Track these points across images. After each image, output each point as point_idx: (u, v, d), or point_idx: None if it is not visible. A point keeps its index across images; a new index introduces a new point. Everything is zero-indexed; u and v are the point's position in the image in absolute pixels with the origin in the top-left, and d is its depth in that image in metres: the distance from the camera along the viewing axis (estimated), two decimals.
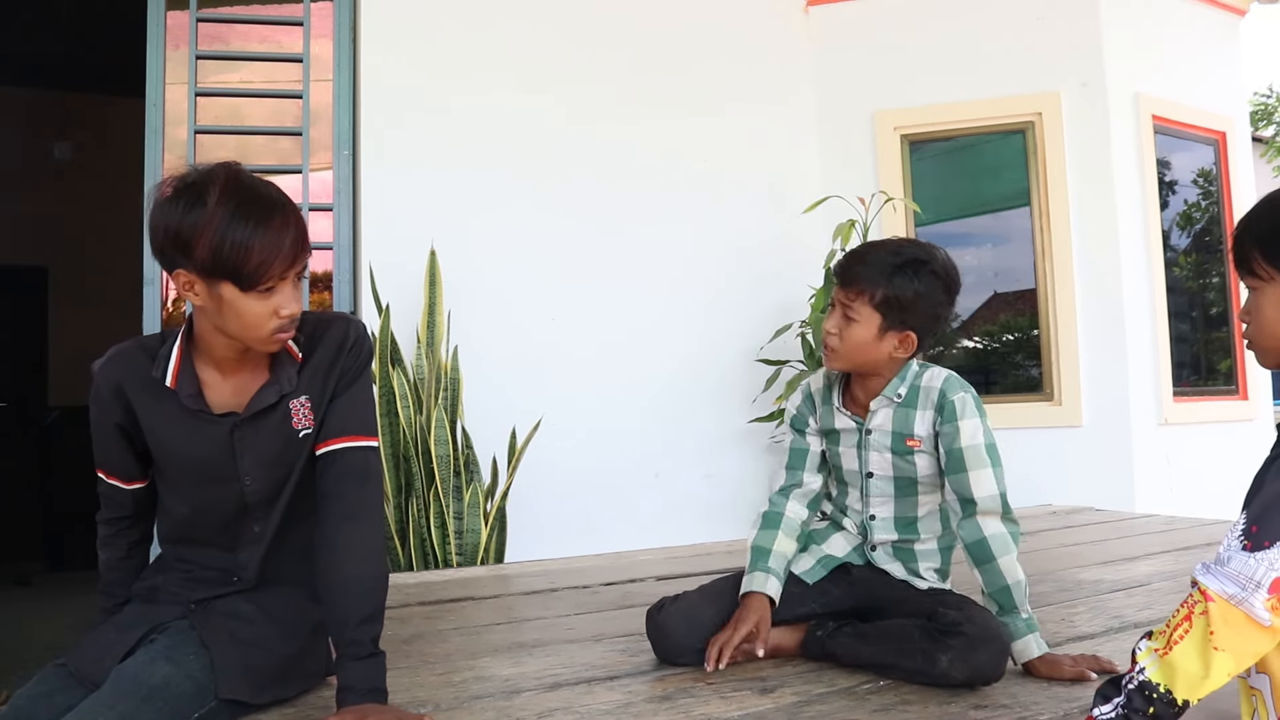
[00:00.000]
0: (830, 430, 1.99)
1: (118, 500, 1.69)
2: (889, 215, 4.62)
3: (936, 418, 1.86)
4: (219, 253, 1.42)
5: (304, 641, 1.68)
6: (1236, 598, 1.17)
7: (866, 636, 1.83)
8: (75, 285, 6.94)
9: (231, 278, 1.44)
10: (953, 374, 1.90)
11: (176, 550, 1.69)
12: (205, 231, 1.41)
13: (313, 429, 1.63)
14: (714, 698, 1.67)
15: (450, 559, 3.49)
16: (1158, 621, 2.11)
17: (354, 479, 1.61)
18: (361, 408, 1.66)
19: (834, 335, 1.88)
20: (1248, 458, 5.22)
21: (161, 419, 1.58)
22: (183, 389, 1.56)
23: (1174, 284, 5.08)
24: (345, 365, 1.64)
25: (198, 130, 3.93)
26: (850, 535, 2.01)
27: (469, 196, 4.17)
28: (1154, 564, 2.91)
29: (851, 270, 1.86)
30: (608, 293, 4.38)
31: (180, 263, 1.45)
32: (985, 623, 1.71)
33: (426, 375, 3.68)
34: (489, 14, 4.31)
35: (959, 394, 1.84)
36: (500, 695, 1.74)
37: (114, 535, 1.72)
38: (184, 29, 3.95)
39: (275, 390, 1.59)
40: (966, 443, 1.82)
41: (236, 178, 1.47)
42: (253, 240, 1.43)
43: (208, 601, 1.62)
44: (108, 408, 1.59)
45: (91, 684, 1.48)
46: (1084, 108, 4.74)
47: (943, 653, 1.67)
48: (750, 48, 4.86)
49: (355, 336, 1.66)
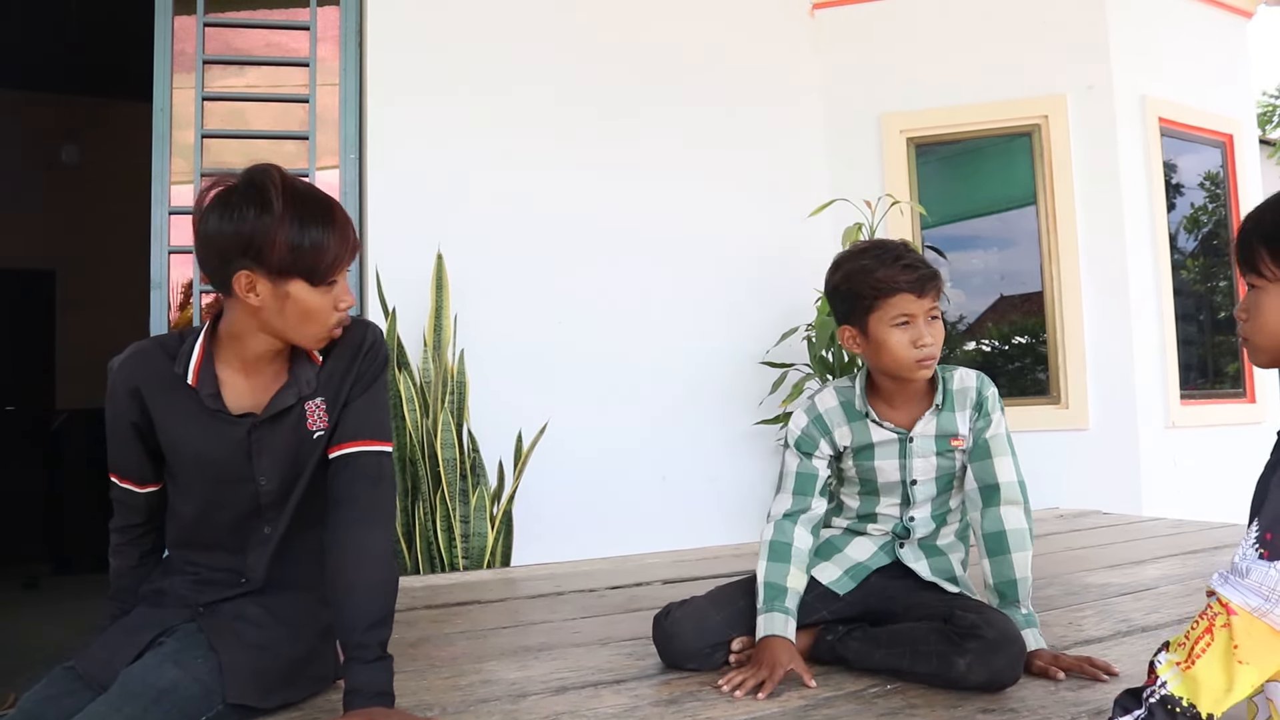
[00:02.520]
0: (863, 446, 1.93)
1: (131, 505, 1.68)
2: (895, 218, 4.62)
3: (974, 415, 1.92)
4: (297, 251, 1.47)
5: (312, 644, 1.68)
6: (1260, 609, 1.16)
7: (879, 640, 1.82)
8: (83, 289, 6.97)
9: (305, 275, 1.49)
10: (980, 373, 1.97)
11: (185, 554, 1.68)
12: (279, 232, 1.45)
13: (326, 430, 1.63)
14: (720, 702, 1.67)
15: (457, 562, 3.49)
16: (1166, 625, 2.11)
17: (367, 483, 1.61)
18: (377, 412, 1.66)
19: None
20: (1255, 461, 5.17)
21: (178, 418, 1.58)
22: (203, 388, 1.57)
23: (1181, 287, 5.07)
24: (361, 369, 1.65)
25: (205, 134, 3.94)
26: (875, 537, 1.99)
27: (475, 200, 4.18)
28: (1161, 567, 2.90)
29: None
30: (614, 296, 4.39)
31: (247, 265, 1.47)
32: (1003, 626, 1.70)
33: (433, 378, 3.69)
34: (495, 20, 4.32)
35: (990, 390, 1.93)
36: (507, 699, 1.74)
37: (126, 544, 1.71)
38: (191, 33, 3.96)
39: (294, 393, 1.60)
40: (993, 432, 1.91)
41: (288, 179, 1.51)
42: (327, 237, 1.49)
43: (215, 604, 1.62)
44: (123, 406, 1.59)
45: (100, 686, 1.49)
46: (1090, 110, 4.73)
47: (960, 656, 1.66)
48: (756, 51, 4.86)
49: (372, 340, 1.67)
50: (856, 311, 1.87)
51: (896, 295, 1.81)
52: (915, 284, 1.81)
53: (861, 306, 1.85)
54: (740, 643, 1.88)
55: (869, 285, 1.82)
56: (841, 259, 1.93)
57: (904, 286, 1.80)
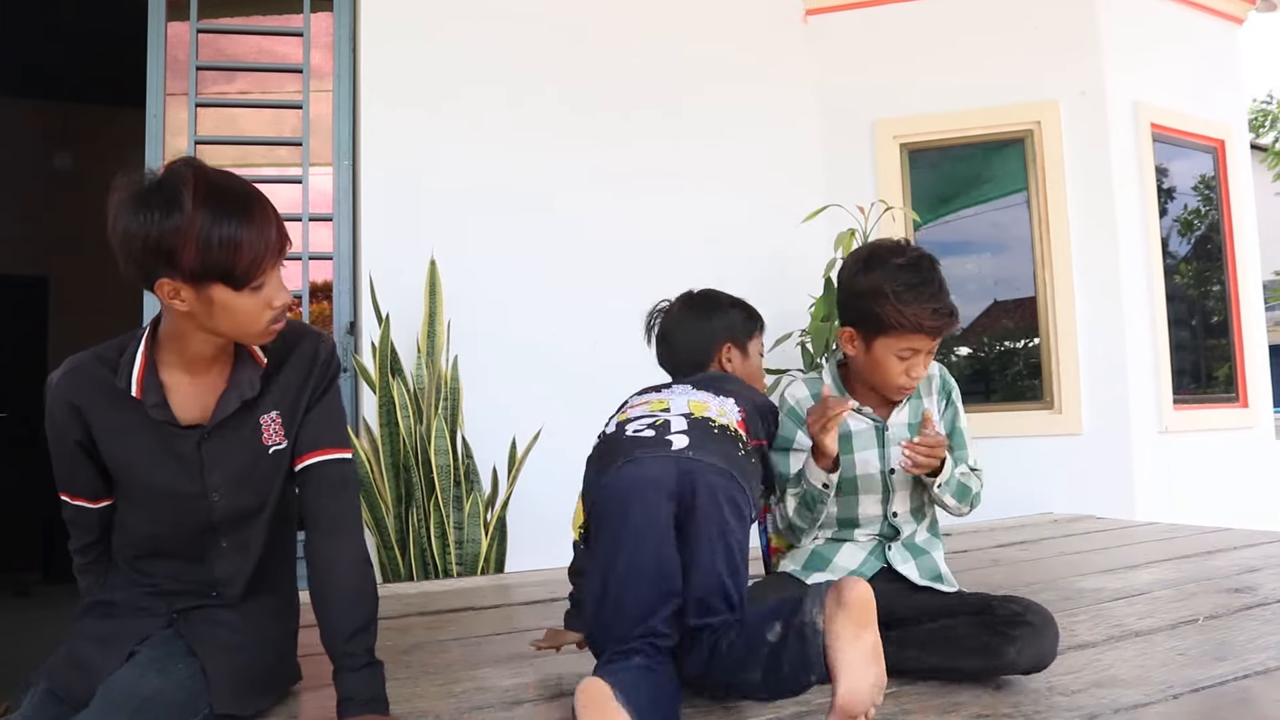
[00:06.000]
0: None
1: (84, 524, 1.62)
2: (888, 224, 4.62)
3: (943, 401, 2.01)
4: (207, 256, 1.36)
5: (281, 648, 1.71)
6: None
7: (904, 642, 1.78)
8: (76, 295, 6.94)
9: (223, 279, 1.39)
10: (940, 364, 2.07)
11: (138, 564, 1.62)
12: (189, 236, 1.35)
13: (285, 444, 1.60)
14: (716, 708, 1.67)
15: (450, 569, 3.48)
16: (1159, 630, 2.11)
17: (332, 491, 1.60)
18: (334, 421, 1.65)
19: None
20: (1248, 465, 5.23)
21: (122, 436, 1.51)
22: (148, 398, 1.49)
23: (1174, 291, 5.09)
24: (316, 381, 1.63)
25: (198, 140, 3.94)
26: (862, 543, 2.00)
27: (469, 207, 4.18)
28: (1155, 572, 2.90)
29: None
30: (608, 301, 4.37)
31: (164, 272, 1.38)
32: (1043, 612, 1.74)
33: (427, 385, 3.68)
34: (489, 28, 4.33)
35: (952, 381, 2.05)
36: (501, 706, 1.73)
37: (90, 563, 1.66)
38: (184, 40, 3.96)
39: (237, 395, 1.55)
40: (963, 424, 2.04)
41: (205, 174, 1.40)
42: (240, 238, 1.37)
43: (188, 611, 1.61)
44: (64, 427, 1.51)
45: (81, 703, 1.44)
46: (1083, 116, 4.75)
47: (1009, 644, 1.68)
48: (750, 57, 4.87)
49: (325, 354, 1.65)
50: (868, 325, 1.88)
51: (915, 334, 1.83)
52: (935, 330, 1.83)
53: (875, 325, 1.86)
54: None
55: (893, 316, 1.82)
56: (872, 261, 1.89)
57: (926, 330, 1.83)
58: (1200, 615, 2.24)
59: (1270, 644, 1.96)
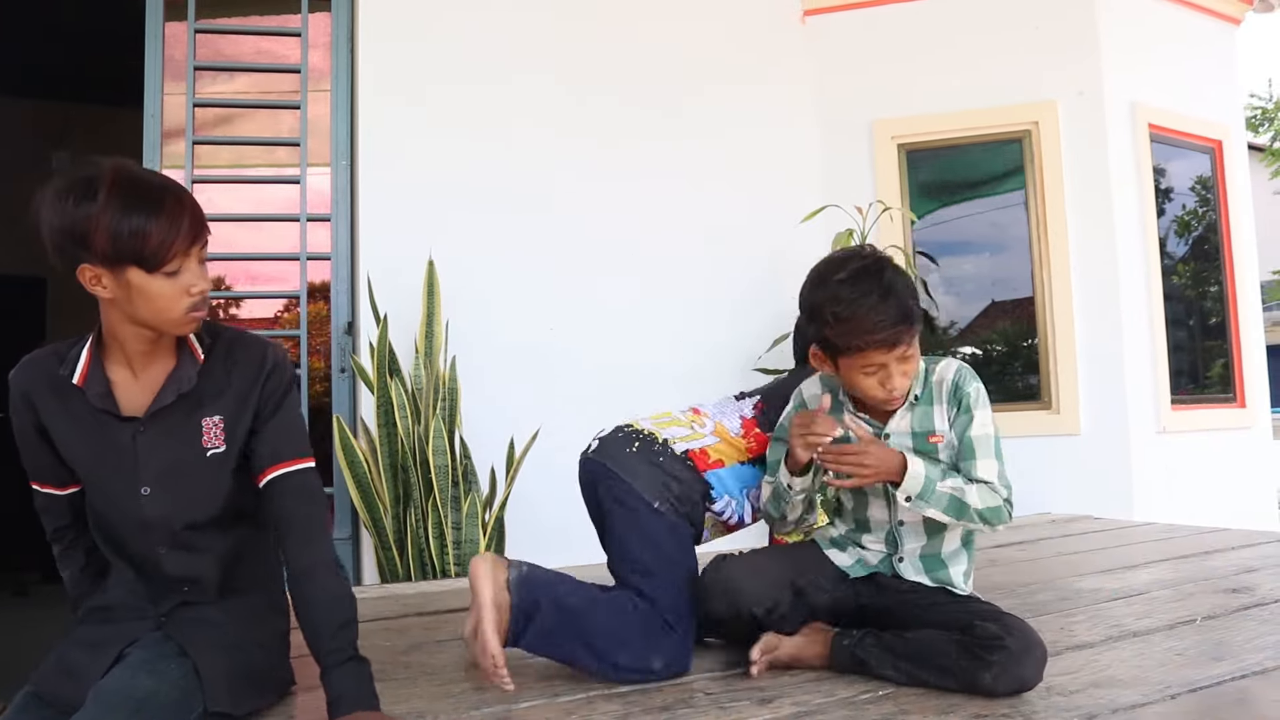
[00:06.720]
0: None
1: (55, 510, 1.68)
2: (886, 224, 4.63)
3: (952, 409, 1.87)
4: (118, 239, 1.43)
5: (272, 649, 1.72)
6: None
7: (895, 650, 1.78)
8: (74, 296, 6.89)
9: (135, 261, 1.45)
10: (963, 365, 1.91)
11: (113, 554, 1.67)
12: (101, 221, 1.42)
13: (224, 449, 1.61)
14: (713, 708, 1.67)
15: (449, 569, 3.48)
16: (1157, 630, 2.12)
17: (300, 502, 1.62)
18: (293, 431, 1.65)
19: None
20: (1246, 466, 5.23)
21: (67, 422, 1.57)
22: (90, 387, 1.55)
23: (1172, 292, 5.09)
24: (266, 392, 1.63)
25: (196, 141, 3.94)
26: (873, 551, 1.97)
27: (467, 207, 4.17)
28: (1153, 572, 2.91)
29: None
30: (605, 302, 4.38)
31: (82, 257, 1.46)
32: (1025, 632, 1.67)
33: (424, 385, 3.68)
34: (488, 28, 4.32)
35: (973, 385, 1.87)
36: (499, 706, 1.73)
37: (66, 549, 1.71)
38: (182, 40, 3.96)
39: (174, 390, 1.58)
40: (977, 432, 1.84)
41: (124, 168, 1.49)
42: (149, 222, 1.44)
43: (173, 610, 1.62)
44: (22, 415, 1.59)
45: (69, 708, 1.45)
46: (1081, 116, 4.75)
47: (985, 670, 1.64)
48: (748, 57, 4.87)
49: (274, 362, 1.65)
50: (825, 347, 1.82)
51: (869, 350, 1.75)
52: (885, 341, 1.73)
53: (830, 347, 1.80)
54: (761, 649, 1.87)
55: (838, 339, 1.75)
56: (817, 282, 1.82)
57: (876, 344, 1.73)
58: (1198, 615, 2.24)
59: (1268, 644, 1.97)
